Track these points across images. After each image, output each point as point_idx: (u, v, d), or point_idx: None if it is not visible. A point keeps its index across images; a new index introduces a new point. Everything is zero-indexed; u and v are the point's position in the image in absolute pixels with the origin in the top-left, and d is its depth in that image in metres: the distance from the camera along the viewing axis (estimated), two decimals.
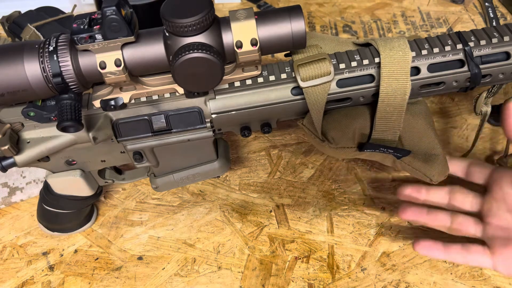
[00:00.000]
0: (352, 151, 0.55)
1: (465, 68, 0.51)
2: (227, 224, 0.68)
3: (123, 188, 0.74)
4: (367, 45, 0.54)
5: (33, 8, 0.83)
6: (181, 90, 0.51)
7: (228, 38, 0.45)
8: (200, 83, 0.47)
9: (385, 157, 0.56)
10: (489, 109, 0.59)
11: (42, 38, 0.74)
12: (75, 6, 0.88)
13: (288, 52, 0.54)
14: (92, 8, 1.01)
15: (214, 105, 0.53)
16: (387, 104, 0.51)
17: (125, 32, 0.43)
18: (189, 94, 0.52)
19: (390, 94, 0.51)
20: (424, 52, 0.51)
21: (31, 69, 0.44)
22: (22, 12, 0.83)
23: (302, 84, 0.51)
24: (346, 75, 0.52)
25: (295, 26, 0.46)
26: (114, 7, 0.42)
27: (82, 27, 0.43)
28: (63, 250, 0.67)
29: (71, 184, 0.61)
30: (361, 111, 0.54)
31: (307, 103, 0.52)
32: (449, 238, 0.57)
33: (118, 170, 0.67)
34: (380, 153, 0.55)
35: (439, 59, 0.51)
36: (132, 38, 0.44)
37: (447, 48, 0.51)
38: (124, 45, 0.45)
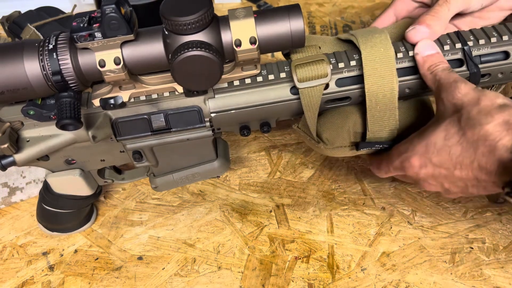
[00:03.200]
0: (348, 149, 0.55)
1: (464, 67, 0.51)
2: (227, 224, 0.68)
3: (123, 188, 0.74)
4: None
5: (33, 8, 0.83)
6: (180, 89, 0.51)
7: (227, 36, 0.46)
8: (199, 82, 0.47)
9: None
10: None
11: (42, 38, 0.74)
12: (75, 6, 0.88)
13: (287, 51, 0.54)
14: (92, 8, 1.01)
15: (213, 104, 0.53)
16: (376, 103, 0.51)
17: (124, 30, 0.43)
18: (188, 93, 0.52)
19: (377, 92, 0.50)
20: None
21: (31, 67, 0.44)
22: (22, 12, 0.83)
23: (298, 85, 0.51)
24: (345, 74, 0.52)
25: (294, 25, 0.46)
26: (113, 5, 0.42)
27: (81, 25, 0.44)
28: (63, 250, 0.67)
29: (70, 184, 0.61)
30: (352, 109, 0.54)
31: (302, 104, 0.52)
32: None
33: (118, 170, 0.67)
34: (377, 149, 0.54)
35: None
36: (131, 36, 0.44)
37: (446, 47, 0.51)
38: (123, 43, 0.45)
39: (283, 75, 0.53)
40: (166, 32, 0.45)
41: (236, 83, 0.53)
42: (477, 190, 0.48)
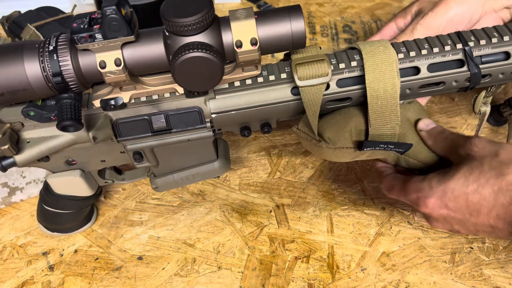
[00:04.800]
0: (351, 151, 0.55)
1: (465, 68, 0.51)
2: (227, 224, 0.68)
3: (123, 188, 0.74)
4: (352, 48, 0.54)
5: (33, 8, 0.83)
6: (181, 90, 0.51)
7: (228, 37, 0.45)
8: (200, 83, 0.47)
9: (387, 155, 0.56)
10: (488, 109, 0.59)
11: (42, 38, 0.74)
12: (75, 6, 0.88)
13: (288, 52, 0.53)
14: (92, 8, 1.01)
15: (214, 105, 0.53)
16: (377, 98, 0.51)
17: (125, 31, 0.43)
18: (189, 93, 0.52)
19: (377, 87, 0.50)
20: (423, 52, 0.51)
21: (31, 69, 0.44)
22: (22, 12, 0.83)
23: (299, 83, 0.51)
24: (346, 75, 0.52)
25: (295, 25, 0.46)
26: (114, 7, 0.42)
27: (82, 26, 0.44)
28: (63, 250, 0.67)
29: (71, 184, 0.61)
30: (355, 111, 0.54)
31: (303, 103, 0.52)
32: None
33: (118, 170, 0.66)
34: (381, 150, 0.54)
35: (439, 59, 0.51)
36: (132, 38, 0.44)
37: (447, 48, 0.51)
38: (124, 44, 0.45)
39: (283, 75, 0.53)
40: (167, 33, 0.45)
41: (237, 84, 0.53)
42: (488, 235, 0.49)
